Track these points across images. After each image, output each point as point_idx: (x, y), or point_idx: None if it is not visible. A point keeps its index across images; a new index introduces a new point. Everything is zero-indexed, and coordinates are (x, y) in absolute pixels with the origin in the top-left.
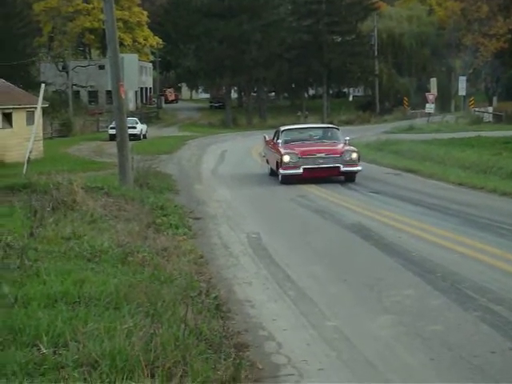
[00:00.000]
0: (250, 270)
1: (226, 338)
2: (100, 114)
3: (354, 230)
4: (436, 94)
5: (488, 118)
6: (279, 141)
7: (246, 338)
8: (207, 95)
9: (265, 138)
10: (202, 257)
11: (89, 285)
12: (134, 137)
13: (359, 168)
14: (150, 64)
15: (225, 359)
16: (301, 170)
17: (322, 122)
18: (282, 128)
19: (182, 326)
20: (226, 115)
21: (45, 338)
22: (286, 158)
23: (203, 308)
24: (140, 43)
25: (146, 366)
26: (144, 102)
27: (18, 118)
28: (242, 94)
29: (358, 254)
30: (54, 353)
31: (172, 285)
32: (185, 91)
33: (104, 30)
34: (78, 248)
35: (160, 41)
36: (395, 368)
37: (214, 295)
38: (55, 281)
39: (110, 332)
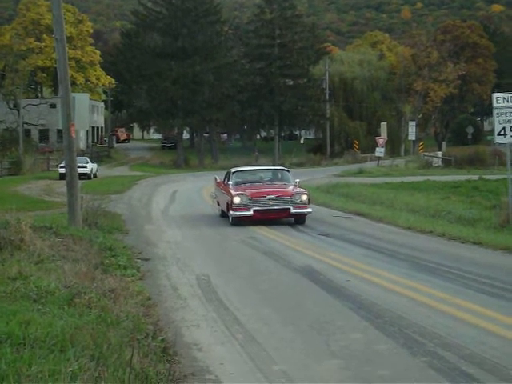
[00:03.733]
0: (199, 313)
1: (173, 382)
2: (50, 152)
3: (304, 273)
4: (386, 138)
5: (437, 162)
6: (230, 182)
7: (193, 383)
8: (159, 135)
9: (216, 179)
10: (149, 299)
11: (34, 326)
12: (85, 176)
13: (309, 210)
14: (102, 103)
15: None
16: (251, 212)
17: (274, 164)
18: (233, 169)
19: (128, 369)
20: (178, 155)
21: None
22: (237, 200)
23: (150, 351)
24: (92, 82)
25: None
26: (95, 141)
27: None
28: (194, 134)
29: (306, 297)
30: None
31: (119, 327)
32: (137, 131)
33: (56, 68)
34: (24, 288)
35: (112, 80)
36: None
37: (161, 338)
38: (0, 321)
39: (54, 375)
